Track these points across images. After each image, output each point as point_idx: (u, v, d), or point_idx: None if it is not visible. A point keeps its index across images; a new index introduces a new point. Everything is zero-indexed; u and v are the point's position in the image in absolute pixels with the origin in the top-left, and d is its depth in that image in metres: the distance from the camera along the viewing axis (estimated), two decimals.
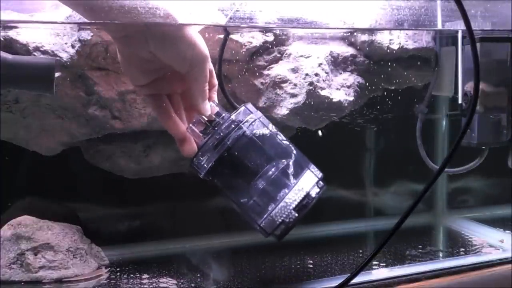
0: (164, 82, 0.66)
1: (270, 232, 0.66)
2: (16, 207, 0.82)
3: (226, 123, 0.65)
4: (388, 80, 0.91)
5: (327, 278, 0.76)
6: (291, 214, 0.65)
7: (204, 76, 0.64)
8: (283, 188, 0.66)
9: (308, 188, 0.66)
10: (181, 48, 0.61)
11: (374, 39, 0.86)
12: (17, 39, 0.69)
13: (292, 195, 0.65)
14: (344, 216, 1.06)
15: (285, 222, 0.65)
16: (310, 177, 0.67)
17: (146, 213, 0.96)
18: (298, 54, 0.82)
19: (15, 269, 0.72)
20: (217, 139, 0.65)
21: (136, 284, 0.74)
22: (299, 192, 0.65)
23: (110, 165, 0.83)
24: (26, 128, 0.77)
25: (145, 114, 0.76)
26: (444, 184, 1.15)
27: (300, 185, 0.66)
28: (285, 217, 0.65)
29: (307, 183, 0.66)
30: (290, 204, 0.65)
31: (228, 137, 0.64)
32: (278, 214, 0.65)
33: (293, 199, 0.65)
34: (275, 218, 0.65)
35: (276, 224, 0.65)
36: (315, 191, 0.67)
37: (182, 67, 0.63)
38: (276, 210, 0.65)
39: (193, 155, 0.66)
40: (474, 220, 1.06)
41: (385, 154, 1.12)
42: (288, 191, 0.65)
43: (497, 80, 0.85)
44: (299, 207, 0.65)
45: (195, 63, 0.63)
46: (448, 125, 1.12)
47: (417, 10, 0.75)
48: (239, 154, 0.65)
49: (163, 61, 0.62)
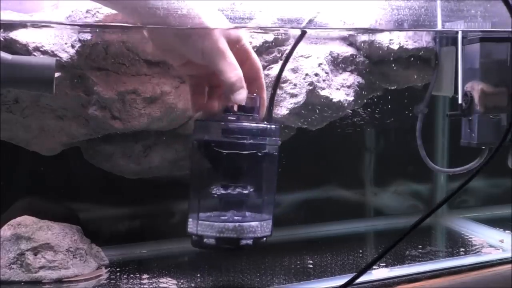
0: (194, 64, 0.67)
1: (189, 232, 0.66)
2: (16, 207, 0.82)
3: (255, 125, 0.65)
4: (388, 80, 0.91)
5: (327, 278, 0.76)
6: (210, 240, 0.64)
7: (225, 65, 0.64)
8: (231, 211, 0.66)
9: (243, 234, 0.65)
10: (190, 40, 0.63)
11: (374, 39, 0.86)
12: (17, 39, 0.69)
13: (226, 225, 0.64)
14: (344, 216, 1.06)
15: (201, 238, 0.64)
16: (255, 227, 0.66)
17: (146, 213, 0.96)
18: (298, 54, 0.82)
19: (15, 269, 0.71)
20: (234, 129, 0.64)
21: (136, 284, 0.74)
22: (236, 229, 0.64)
23: (110, 165, 0.83)
24: (26, 128, 0.77)
25: (145, 114, 0.76)
26: (444, 184, 1.15)
27: (238, 225, 0.65)
28: (205, 235, 0.64)
29: (250, 230, 0.65)
30: (221, 231, 0.64)
31: (245, 138, 0.64)
32: (203, 228, 0.64)
33: (221, 229, 0.64)
34: (200, 227, 0.64)
35: (195, 232, 0.65)
36: (246, 242, 0.65)
37: (196, 57, 0.65)
38: (205, 222, 0.64)
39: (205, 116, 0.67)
40: (474, 220, 1.06)
41: (385, 154, 1.12)
42: (232, 220, 0.65)
43: (497, 80, 0.85)
44: (222, 241, 0.64)
45: (209, 54, 0.64)
46: (448, 125, 1.12)
47: (417, 10, 0.75)
48: (235, 157, 0.64)
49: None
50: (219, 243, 0.64)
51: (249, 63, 0.69)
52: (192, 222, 0.66)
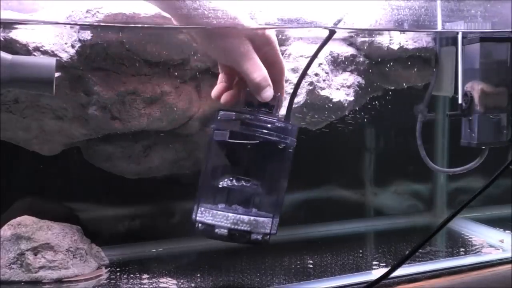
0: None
1: (195, 219, 0.65)
2: (16, 207, 0.82)
3: (277, 122, 0.65)
4: (388, 80, 0.91)
5: (327, 278, 0.76)
6: (222, 229, 0.64)
7: (249, 66, 0.65)
8: (242, 205, 0.65)
9: (256, 228, 0.65)
10: (214, 41, 0.65)
11: (374, 39, 0.86)
12: (17, 39, 0.69)
13: (241, 218, 0.64)
14: (344, 216, 1.06)
15: (213, 228, 0.64)
16: (267, 223, 0.66)
17: (146, 213, 0.96)
18: (298, 54, 0.82)
19: (15, 269, 0.72)
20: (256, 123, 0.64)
21: (136, 284, 0.74)
22: (251, 223, 0.64)
23: (110, 165, 0.83)
24: (26, 128, 0.77)
25: (145, 115, 0.76)
26: (444, 184, 1.15)
27: (253, 219, 0.64)
28: (217, 225, 0.64)
29: (262, 225, 0.65)
30: (235, 223, 0.64)
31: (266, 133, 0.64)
32: (217, 218, 0.64)
33: (236, 220, 0.64)
34: (213, 217, 0.64)
35: (207, 221, 0.64)
36: (257, 237, 0.65)
37: (220, 58, 0.69)
38: (219, 212, 0.64)
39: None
40: (474, 220, 1.06)
41: (385, 154, 1.12)
42: (242, 212, 0.64)
43: (497, 80, 0.85)
44: (235, 232, 0.64)
45: (232, 55, 0.65)
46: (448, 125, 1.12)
47: (417, 10, 0.75)
48: (248, 150, 0.64)
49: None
50: (231, 235, 0.64)
51: (276, 65, 0.70)
52: (203, 211, 0.65)
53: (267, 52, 0.68)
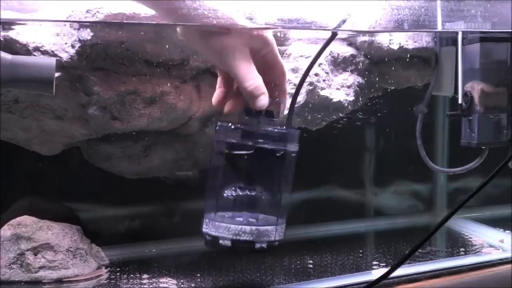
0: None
1: (203, 232, 0.66)
2: (16, 207, 0.82)
3: (276, 129, 0.65)
4: (387, 80, 0.91)
5: (327, 278, 0.76)
6: (225, 241, 0.65)
7: (242, 73, 0.64)
8: (247, 214, 0.66)
9: (259, 238, 0.65)
10: (209, 44, 0.64)
11: (374, 39, 0.86)
12: (17, 39, 0.69)
13: (243, 228, 0.64)
14: (344, 216, 1.06)
15: (217, 240, 0.65)
16: (270, 231, 0.66)
17: (146, 213, 0.97)
18: (298, 54, 0.82)
19: (15, 269, 0.71)
20: (255, 133, 0.64)
21: (136, 284, 0.74)
22: (253, 233, 0.65)
23: (110, 165, 0.83)
24: (26, 128, 0.77)
25: (145, 115, 0.76)
26: (444, 184, 1.15)
27: (255, 229, 0.65)
28: (221, 237, 0.65)
29: (265, 233, 0.66)
30: (237, 234, 0.64)
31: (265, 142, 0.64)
32: (220, 230, 0.65)
33: (238, 231, 0.64)
34: (216, 229, 0.65)
35: (211, 233, 0.65)
36: (261, 245, 0.66)
37: (214, 62, 0.69)
38: (221, 224, 0.65)
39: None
40: (474, 220, 1.06)
41: (385, 154, 1.12)
42: (246, 222, 0.65)
43: (497, 80, 0.85)
44: (240, 243, 0.65)
45: (226, 61, 0.64)
46: (448, 125, 1.12)
47: (417, 10, 0.75)
48: (254, 159, 0.64)
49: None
50: (235, 246, 0.65)
51: (276, 68, 0.68)
52: (208, 223, 0.66)
53: (266, 55, 0.67)
